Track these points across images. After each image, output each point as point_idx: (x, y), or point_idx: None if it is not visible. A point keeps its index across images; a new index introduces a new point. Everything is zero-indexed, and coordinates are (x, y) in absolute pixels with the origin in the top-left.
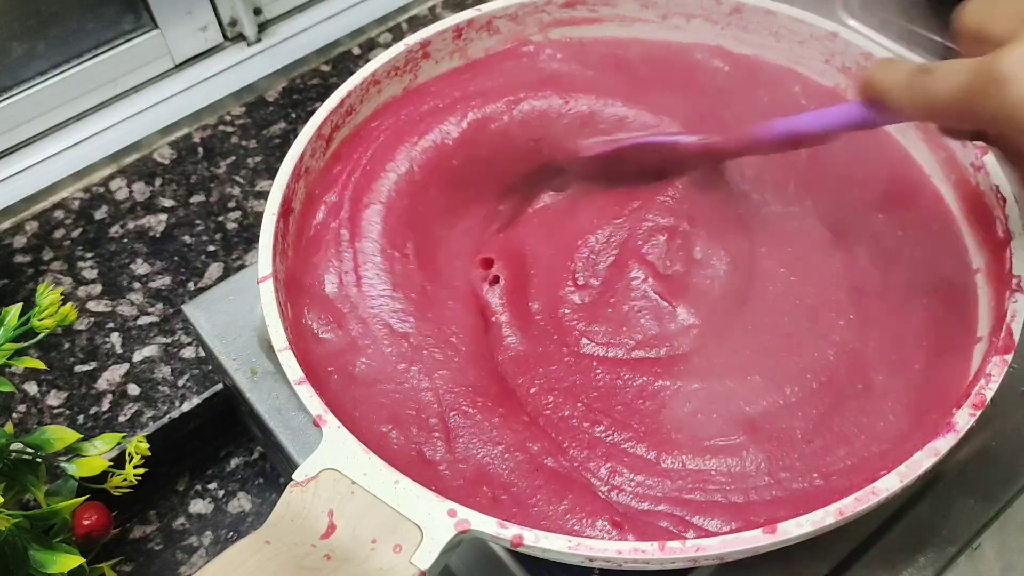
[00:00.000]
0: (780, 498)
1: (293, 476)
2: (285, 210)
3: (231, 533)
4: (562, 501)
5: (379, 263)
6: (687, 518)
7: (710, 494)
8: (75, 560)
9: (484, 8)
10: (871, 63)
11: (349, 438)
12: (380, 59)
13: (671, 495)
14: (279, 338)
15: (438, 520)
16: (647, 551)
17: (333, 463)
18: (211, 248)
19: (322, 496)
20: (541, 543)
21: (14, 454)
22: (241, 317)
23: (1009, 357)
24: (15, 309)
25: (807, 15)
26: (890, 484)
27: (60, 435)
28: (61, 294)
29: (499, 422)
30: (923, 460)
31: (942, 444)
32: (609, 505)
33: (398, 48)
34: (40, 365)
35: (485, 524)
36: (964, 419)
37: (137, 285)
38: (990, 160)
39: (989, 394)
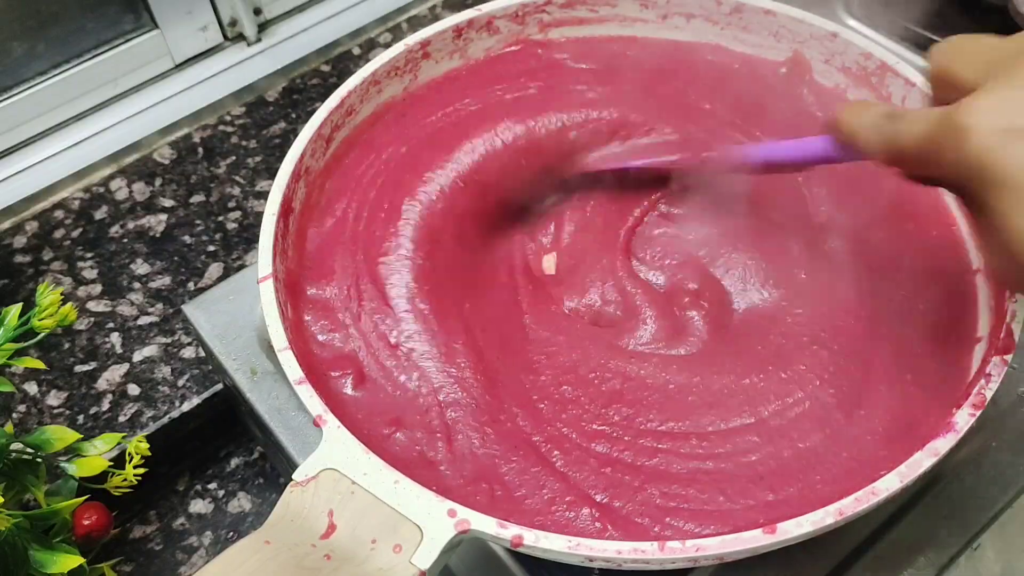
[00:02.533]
0: (773, 501)
1: (293, 476)
2: (285, 210)
3: (231, 533)
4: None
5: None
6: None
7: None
8: (75, 560)
9: (484, 8)
10: (843, 104)
11: (349, 438)
12: (380, 59)
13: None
14: (279, 338)
15: (438, 520)
16: (647, 551)
17: (333, 463)
18: (211, 248)
19: (322, 496)
20: (541, 543)
21: (14, 454)
22: (241, 317)
23: (1009, 357)
24: (15, 309)
25: (807, 15)
26: (890, 484)
27: (60, 435)
28: (61, 294)
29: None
30: (923, 460)
31: (942, 444)
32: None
33: (398, 48)
34: (40, 365)
35: (485, 524)
36: (964, 419)
37: (137, 285)
38: None
39: (989, 394)
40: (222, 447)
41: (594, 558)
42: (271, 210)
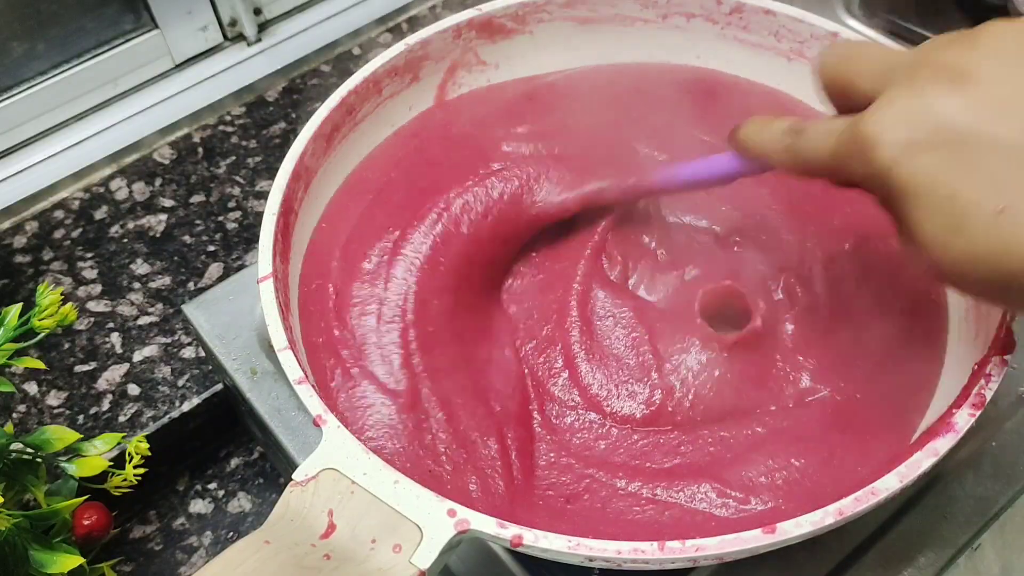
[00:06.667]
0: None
1: (293, 476)
2: (285, 210)
3: (231, 533)
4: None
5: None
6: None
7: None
8: (75, 560)
9: (484, 8)
10: (743, 121)
11: (349, 438)
12: (380, 59)
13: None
14: (279, 338)
15: (438, 520)
16: (646, 551)
17: (333, 463)
18: (211, 248)
19: (322, 496)
20: (541, 543)
21: (14, 454)
22: (241, 317)
23: (1009, 357)
24: (15, 309)
25: (807, 15)
26: (889, 484)
27: (60, 435)
28: (61, 294)
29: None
30: (923, 460)
31: (942, 444)
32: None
33: (398, 47)
34: (40, 365)
35: (485, 524)
36: (964, 419)
37: (137, 285)
38: None
39: (989, 394)
40: (222, 447)
41: (594, 558)
42: (271, 209)
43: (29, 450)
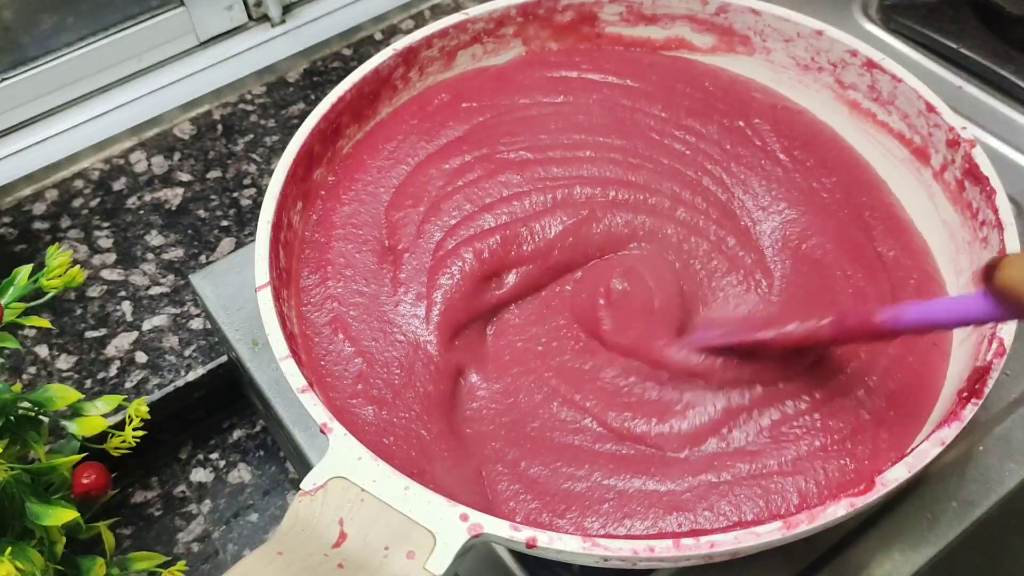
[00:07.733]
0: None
1: (301, 485)
2: (282, 204)
3: (229, 503)
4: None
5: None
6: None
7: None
8: (70, 514)
9: (481, 9)
10: (1004, 258)
11: (356, 445)
12: (372, 62)
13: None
14: (280, 347)
15: (450, 525)
16: (661, 549)
17: (341, 471)
18: (224, 223)
19: (331, 505)
20: (555, 544)
21: (20, 410)
22: (247, 289)
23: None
24: (25, 269)
25: (792, 14)
26: (898, 475)
27: (62, 393)
28: (76, 261)
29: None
30: (930, 450)
31: (947, 433)
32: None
33: (385, 54)
34: (46, 324)
35: (498, 527)
36: (968, 409)
37: (150, 256)
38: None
39: (991, 382)
40: (225, 419)
41: (609, 557)
42: (266, 218)
43: (32, 407)
